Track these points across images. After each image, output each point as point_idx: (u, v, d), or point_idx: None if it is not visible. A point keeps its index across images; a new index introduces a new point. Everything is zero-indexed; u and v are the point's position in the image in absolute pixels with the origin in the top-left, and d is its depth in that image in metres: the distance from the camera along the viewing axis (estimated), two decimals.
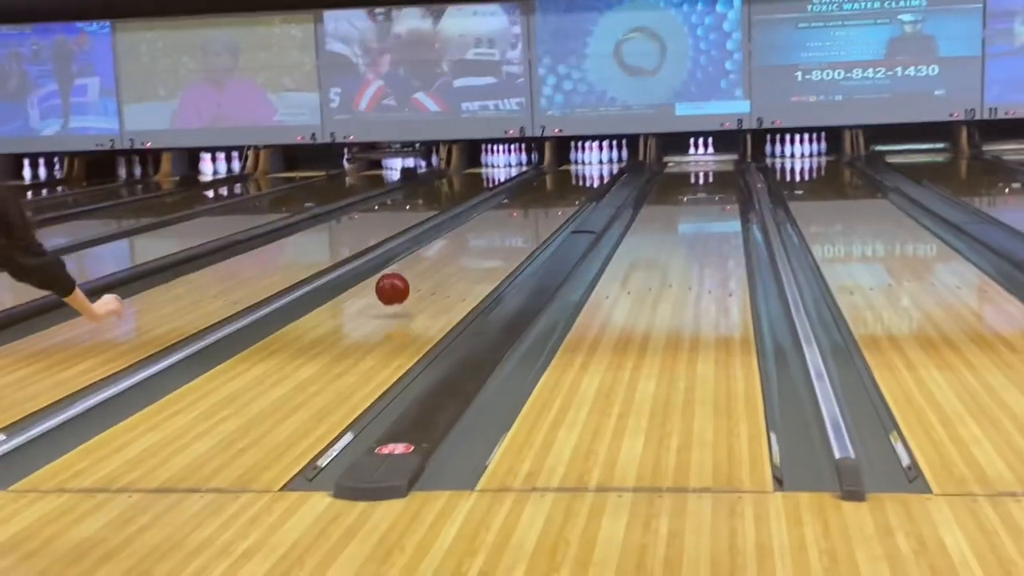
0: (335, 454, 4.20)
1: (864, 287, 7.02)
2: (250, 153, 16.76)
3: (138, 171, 17.47)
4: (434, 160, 16.41)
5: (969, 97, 15.17)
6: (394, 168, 16.57)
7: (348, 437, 4.40)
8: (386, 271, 7.55)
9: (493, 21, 15.98)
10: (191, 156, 17.25)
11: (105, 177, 17.21)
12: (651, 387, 4.96)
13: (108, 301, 3.72)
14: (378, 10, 16.08)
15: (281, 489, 3.86)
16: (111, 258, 10.01)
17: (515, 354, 5.63)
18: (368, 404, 4.84)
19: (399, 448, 4.05)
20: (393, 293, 6.56)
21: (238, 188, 16.13)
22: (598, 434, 4.34)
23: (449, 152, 16.20)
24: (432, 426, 4.39)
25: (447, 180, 15.61)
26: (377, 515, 3.55)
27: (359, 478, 3.81)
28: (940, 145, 15.62)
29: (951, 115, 15.25)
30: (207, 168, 17.23)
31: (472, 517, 3.55)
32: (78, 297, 3.58)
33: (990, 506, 3.52)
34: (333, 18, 16.19)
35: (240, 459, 4.18)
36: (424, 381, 5.16)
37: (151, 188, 16.54)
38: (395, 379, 5.23)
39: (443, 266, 9.06)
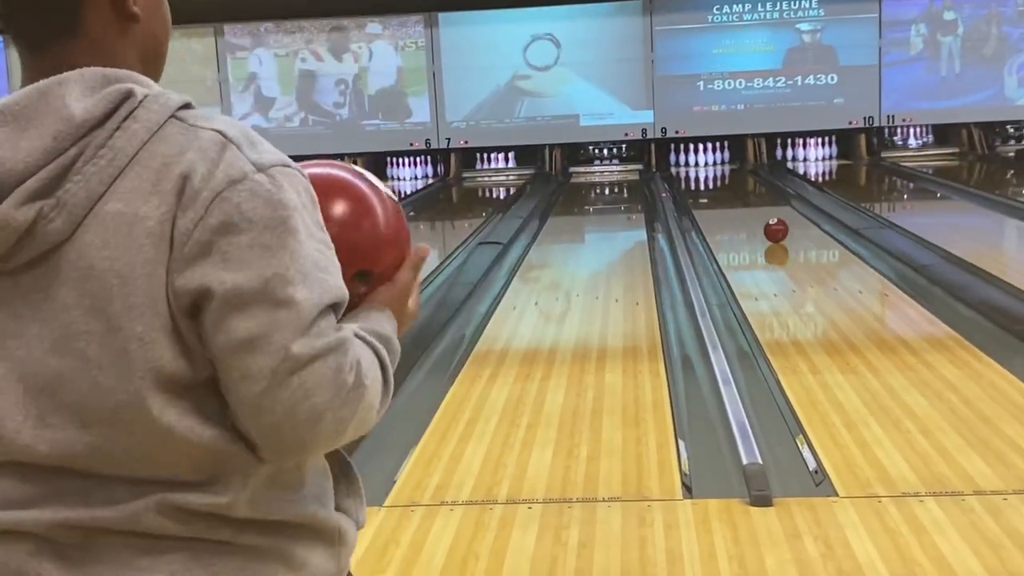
0: None
1: (768, 293, 7.11)
2: None
3: None
4: None
5: (867, 105, 15.47)
6: None
7: None
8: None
9: (398, 33, 15.94)
10: None
11: None
12: (559, 397, 4.96)
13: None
14: (290, 24, 15.95)
15: None
16: None
17: (423, 367, 5.60)
18: None
19: None
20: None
21: None
22: (507, 446, 4.33)
23: (355, 163, 16.13)
24: None
25: None
26: None
27: None
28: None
29: (850, 123, 15.54)
30: None
31: (381, 533, 3.52)
32: None
33: (894, 507, 3.57)
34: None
35: None
36: None
37: None
38: None
39: None
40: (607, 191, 14.97)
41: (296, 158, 1.30)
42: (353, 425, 1.24)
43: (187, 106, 1.25)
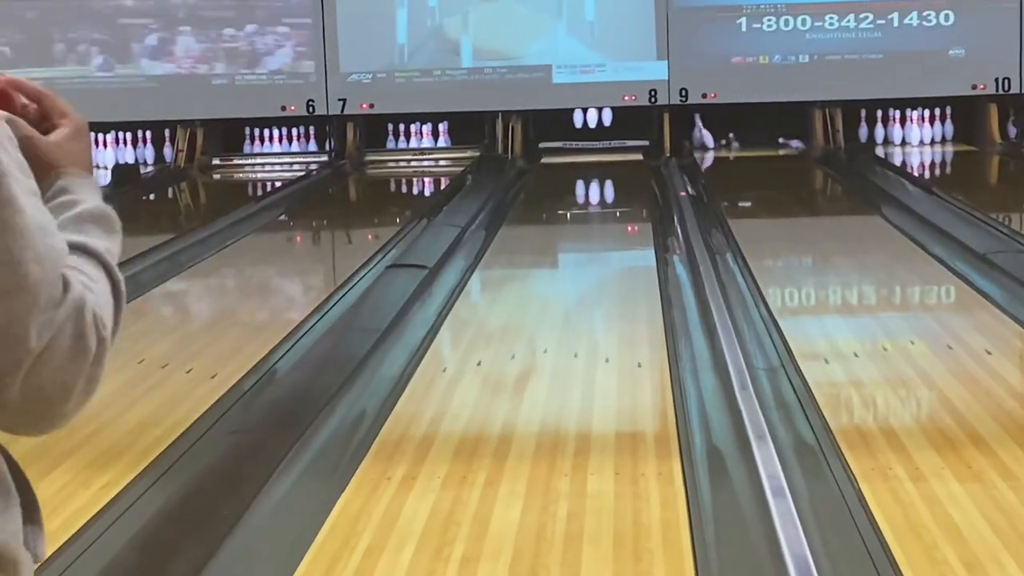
0: None
1: (846, 352, 7.13)
2: None
3: None
4: (167, 152, 16.20)
5: (1001, 61, 15.54)
6: (104, 166, 16.37)
7: None
8: None
9: None
10: None
11: None
12: (514, 514, 4.95)
13: None
14: None
15: None
16: None
17: (296, 463, 5.57)
18: (56, 546, 4.71)
19: None
20: None
21: None
22: None
23: (192, 138, 16.01)
24: None
25: (189, 183, 15.47)
26: None
27: None
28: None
29: (974, 88, 15.62)
30: None
31: None
32: None
33: None
34: None
35: None
36: (148, 508, 5.06)
37: None
38: (99, 506, 5.11)
39: (182, 322, 8.94)
40: (594, 184, 15.02)
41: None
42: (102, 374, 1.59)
43: None
